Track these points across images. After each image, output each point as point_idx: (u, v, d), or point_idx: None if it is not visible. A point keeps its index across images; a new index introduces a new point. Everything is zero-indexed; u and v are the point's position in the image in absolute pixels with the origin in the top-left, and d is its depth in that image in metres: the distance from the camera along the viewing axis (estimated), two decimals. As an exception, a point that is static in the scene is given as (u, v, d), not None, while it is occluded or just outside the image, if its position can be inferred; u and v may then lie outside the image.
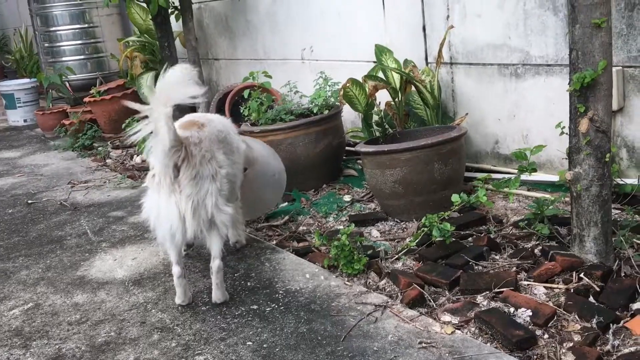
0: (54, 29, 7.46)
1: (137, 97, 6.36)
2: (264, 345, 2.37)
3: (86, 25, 7.47)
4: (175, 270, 2.71)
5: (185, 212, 2.58)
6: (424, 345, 2.25)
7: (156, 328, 2.59)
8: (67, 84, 7.27)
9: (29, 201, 4.60)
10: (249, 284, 2.90)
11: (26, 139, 7.17)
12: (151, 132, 2.46)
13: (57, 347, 2.53)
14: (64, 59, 7.46)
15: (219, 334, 2.49)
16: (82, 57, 7.46)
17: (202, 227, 2.63)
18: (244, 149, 3.19)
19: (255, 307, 2.68)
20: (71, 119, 6.58)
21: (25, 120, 7.93)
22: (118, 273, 3.19)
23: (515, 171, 3.22)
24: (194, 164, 2.58)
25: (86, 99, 6.57)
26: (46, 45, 7.58)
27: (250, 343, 2.40)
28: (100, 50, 7.54)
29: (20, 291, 3.10)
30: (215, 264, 2.70)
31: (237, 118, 5.14)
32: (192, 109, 6.04)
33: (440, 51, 3.84)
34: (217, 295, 2.73)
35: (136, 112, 2.46)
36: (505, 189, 3.34)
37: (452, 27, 3.85)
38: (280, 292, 2.78)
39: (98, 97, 6.42)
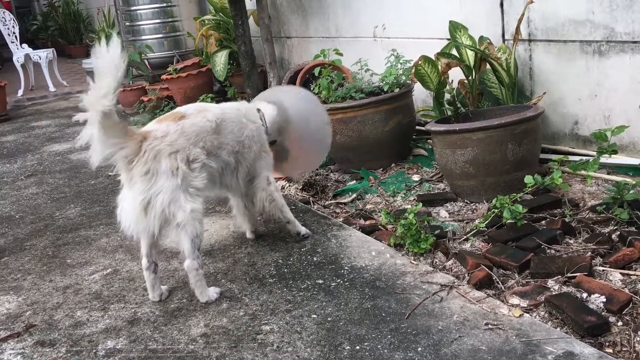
0: (134, 8, 7.72)
1: (212, 75, 6.52)
2: (329, 319, 2.40)
3: (164, 5, 7.68)
4: (142, 262, 2.69)
5: (137, 208, 2.49)
6: (490, 326, 2.21)
7: (225, 297, 2.67)
8: (146, 62, 7.53)
9: (110, 173, 4.82)
10: (315, 259, 2.94)
11: (108, 114, 7.48)
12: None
13: (133, 310, 2.66)
14: (143, 37, 7.73)
15: (285, 305, 2.54)
16: (160, 35, 7.70)
17: (162, 224, 2.52)
18: (273, 118, 3.09)
19: (320, 281, 2.71)
20: (149, 96, 6.82)
21: (107, 97, 8.27)
22: (190, 244, 3.30)
23: (595, 154, 3.08)
24: (146, 159, 2.48)
25: (163, 77, 6.78)
26: (127, 24, 7.86)
27: (315, 316, 2.43)
28: (177, 29, 7.76)
29: (100, 257, 3.28)
30: (185, 264, 2.60)
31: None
32: (265, 84, 6.12)
33: (518, 27, 3.70)
34: (197, 295, 2.64)
35: (210, 89, 2.48)
36: (583, 172, 3.20)
37: (531, 1, 3.70)
38: (346, 268, 2.80)
39: (174, 75, 6.62)
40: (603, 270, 2.51)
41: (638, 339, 2.08)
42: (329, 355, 2.16)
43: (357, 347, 2.19)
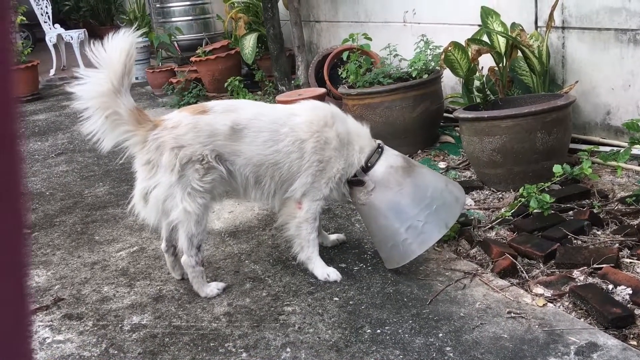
0: (164, -10, 7.77)
1: (240, 58, 6.53)
2: (350, 302, 2.41)
3: (194, -13, 7.72)
4: (162, 245, 2.71)
5: (138, 196, 2.48)
6: (513, 315, 2.20)
7: (248, 278, 2.70)
8: (176, 44, 7.57)
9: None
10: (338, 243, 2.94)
11: (137, 95, 7.57)
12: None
13: (158, 288, 2.70)
14: (173, 19, 7.77)
15: (307, 287, 2.56)
16: (190, 17, 7.74)
17: (161, 216, 2.47)
18: (384, 172, 2.59)
19: (343, 265, 2.72)
20: (178, 78, 6.86)
21: (137, 78, 8.36)
22: (215, 224, 3.34)
23: (627, 145, 3.02)
24: (148, 149, 2.41)
25: (192, 59, 6.82)
26: (157, 6, 7.91)
27: (337, 299, 2.45)
28: (207, 11, 7.78)
29: (127, 235, 3.33)
30: (182, 259, 2.56)
31: (335, 80, 5.17)
32: (293, 68, 6.12)
33: (551, 14, 3.62)
34: (195, 290, 2.57)
35: (238, 72, 2.44)
36: (613, 162, 3.13)
37: (566, -12, 3.63)
38: (369, 252, 2.81)
39: (203, 57, 6.65)
40: (630, 263, 2.47)
41: (664, 332, 2.05)
42: (349, 338, 2.17)
43: (378, 331, 2.20)
